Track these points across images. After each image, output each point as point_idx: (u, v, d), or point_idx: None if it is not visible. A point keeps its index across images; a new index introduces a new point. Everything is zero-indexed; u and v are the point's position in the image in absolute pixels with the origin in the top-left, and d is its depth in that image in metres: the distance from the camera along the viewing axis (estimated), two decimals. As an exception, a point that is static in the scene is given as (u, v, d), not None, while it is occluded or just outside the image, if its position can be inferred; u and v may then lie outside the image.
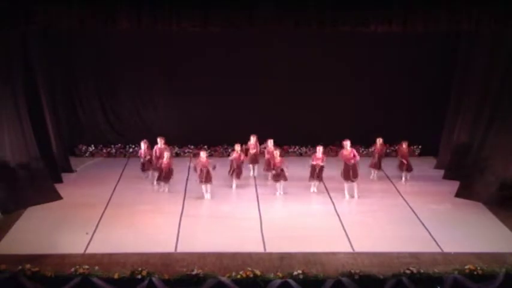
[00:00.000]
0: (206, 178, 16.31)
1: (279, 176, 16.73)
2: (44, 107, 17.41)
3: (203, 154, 16.68)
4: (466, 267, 11.84)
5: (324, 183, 17.05)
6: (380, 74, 19.75)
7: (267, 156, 17.62)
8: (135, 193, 16.73)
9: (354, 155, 16.63)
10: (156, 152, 17.29)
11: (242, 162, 17.27)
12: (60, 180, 17.41)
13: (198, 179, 16.42)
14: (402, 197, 16.56)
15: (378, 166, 18.02)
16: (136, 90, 20.26)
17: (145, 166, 17.55)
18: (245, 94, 19.74)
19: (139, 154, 17.80)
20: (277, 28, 14.90)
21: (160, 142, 17.43)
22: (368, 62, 19.65)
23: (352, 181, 16.47)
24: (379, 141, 18.09)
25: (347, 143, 16.81)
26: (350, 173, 16.48)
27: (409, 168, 17.84)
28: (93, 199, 16.11)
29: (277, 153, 17.00)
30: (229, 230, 14.36)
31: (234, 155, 17.13)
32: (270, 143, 17.83)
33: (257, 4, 14.34)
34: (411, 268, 11.75)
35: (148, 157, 17.43)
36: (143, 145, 17.56)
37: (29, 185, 15.85)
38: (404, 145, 17.91)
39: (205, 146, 19.56)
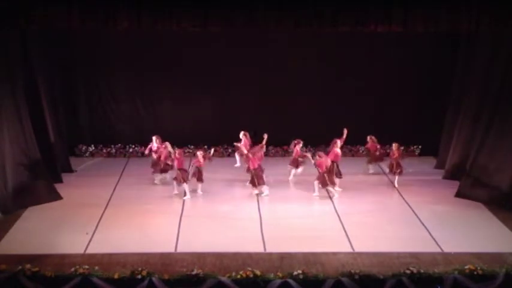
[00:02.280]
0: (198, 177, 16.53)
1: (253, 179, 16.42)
2: (44, 107, 17.41)
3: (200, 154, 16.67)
4: (466, 267, 11.84)
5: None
6: (380, 74, 19.74)
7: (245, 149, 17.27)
8: (135, 193, 16.73)
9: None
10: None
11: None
12: (60, 180, 17.41)
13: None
14: (402, 197, 16.56)
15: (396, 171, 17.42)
16: (136, 90, 20.25)
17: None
18: (245, 94, 19.78)
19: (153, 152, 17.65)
20: (277, 28, 14.90)
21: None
22: (368, 62, 19.64)
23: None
24: (395, 146, 17.52)
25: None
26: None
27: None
28: (93, 199, 16.12)
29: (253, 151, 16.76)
30: (229, 230, 14.36)
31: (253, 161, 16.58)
32: (242, 135, 17.63)
33: (257, 4, 14.34)
34: (411, 268, 11.76)
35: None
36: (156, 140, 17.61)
37: (29, 185, 15.86)
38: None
39: (205, 146, 19.57)
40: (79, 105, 20.20)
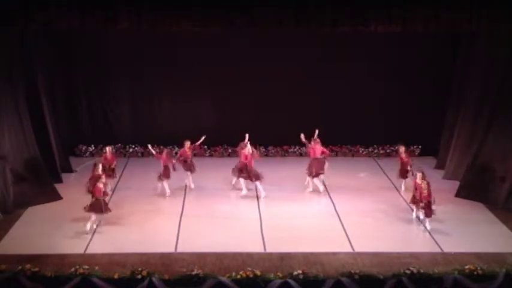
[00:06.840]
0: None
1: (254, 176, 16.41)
2: (44, 107, 17.42)
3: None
4: (466, 267, 11.86)
5: (324, 184, 17.04)
6: (380, 74, 19.72)
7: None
8: (135, 193, 16.73)
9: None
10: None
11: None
12: (60, 180, 17.42)
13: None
14: (402, 197, 16.56)
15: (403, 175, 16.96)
16: (136, 90, 20.24)
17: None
18: (245, 94, 19.76)
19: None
20: (278, 28, 14.90)
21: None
22: (368, 62, 19.62)
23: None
24: (402, 149, 17.08)
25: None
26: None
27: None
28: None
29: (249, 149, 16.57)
30: (229, 230, 14.36)
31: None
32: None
33: (257, 4, 14.34)
34: (411, 268, 11.77)
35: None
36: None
37: (29, 185, 15.86)
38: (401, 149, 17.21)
39: (205, 146, 19.57)
40: (79, 105, 20.18)
